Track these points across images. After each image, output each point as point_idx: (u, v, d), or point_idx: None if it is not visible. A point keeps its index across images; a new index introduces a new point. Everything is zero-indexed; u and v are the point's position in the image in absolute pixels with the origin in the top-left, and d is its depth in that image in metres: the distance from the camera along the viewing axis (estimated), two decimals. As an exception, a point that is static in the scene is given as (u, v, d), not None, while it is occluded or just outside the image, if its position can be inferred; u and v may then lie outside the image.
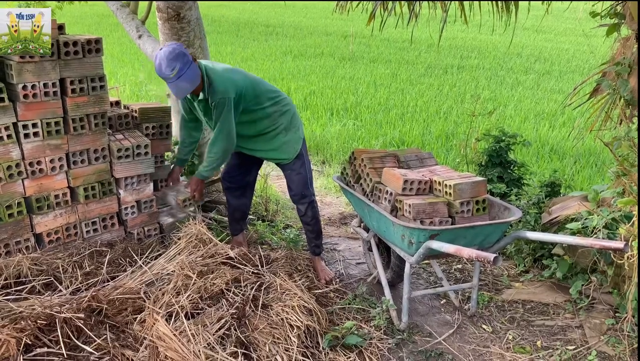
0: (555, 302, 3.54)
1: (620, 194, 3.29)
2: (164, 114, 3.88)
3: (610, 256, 3.20)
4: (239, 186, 3.85)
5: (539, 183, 4.42)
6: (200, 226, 3.49)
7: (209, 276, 3.11)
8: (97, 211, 3.48)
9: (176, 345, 2.51)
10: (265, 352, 2.70)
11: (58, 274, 3.07)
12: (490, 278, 3.90)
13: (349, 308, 3.34)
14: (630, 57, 3.48)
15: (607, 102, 3.68)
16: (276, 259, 3.60)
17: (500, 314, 3.46)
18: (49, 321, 2.58)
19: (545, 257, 3.87)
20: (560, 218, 3.73)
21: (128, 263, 3.32)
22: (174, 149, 4.68)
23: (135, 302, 2.92)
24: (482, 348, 3.11)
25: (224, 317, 2.79)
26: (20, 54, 2.99)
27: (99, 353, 2.55)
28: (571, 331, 3.25)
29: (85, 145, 3.34)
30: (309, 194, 3.69)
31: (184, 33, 4.27)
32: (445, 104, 9.19)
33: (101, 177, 3.46)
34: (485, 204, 3.18)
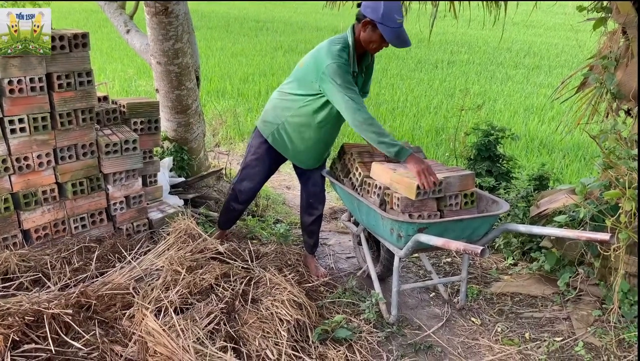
0: (543, 294, 3.57)
1: (606, 187, 3.32)
2: (152, 109, 3.86)
3: (597, 248, 3.23)
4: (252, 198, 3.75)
5: (527, 177, 4.44)
6: (189, 221, 3.48)
7: (198, 271, 3.11)
8: (86, 207, 3.47)
9: (165, 340, 2.50)
10: (255, 346, 2.70)
11: (46, 271, 3.05)
12: (479, 271, 3.92)
13: (339, 302, 3.35)
14: (616, 50, 3.50)
15: (594, 95, 3.70)
16: (266, 254, 3.61)
17: (489, 307, 3.48)
18: (36, 318, 2.57)
19: (533, 250, 3.90)
20: (548, 211, 3.76)
21: (117, 258, 3.31)
22: (163, 144, 4.68)
23: (124, 298, 2.92)
24: (471, 341, 3.13)
25: (213, 312, 2.79)
26: (20, 54, 3.00)
27: (87, 349, 2.53)
28: (559, 323, 3.28)
29: (72, 140, 3.32)
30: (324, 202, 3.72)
31: (172, 28, 4.24)
32: (435, 99, 9.21)
33: (89, 173, 3.44)
34: (473, 197, 3.20)
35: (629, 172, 3.07)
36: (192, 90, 4.63)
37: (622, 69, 3.48)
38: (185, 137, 4.75)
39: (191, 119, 4.72)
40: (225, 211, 3.76)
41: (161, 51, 4.35)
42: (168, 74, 4.44)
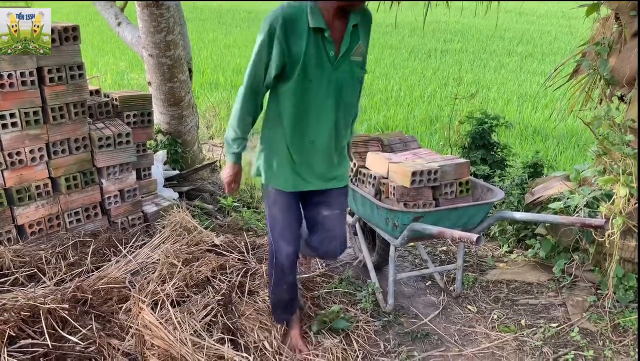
0: (539, 281, 3.58)
1: (601, 173, 3.33)
2: (144, 102, 3.83)
3: (592, 234, 3.24)
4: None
5: (522, 164, 4.45)
6: (184, 214, 3.47)
7: (194, 263, 3.10)
8: (80, 201, 3.45)
9: (162, 333, 2.50)
10: (253, 338, 2.70)
11: (41, 266, 3.04)
12: (474, 259, 3.93)
13: (335, 292, 3.36)
14: (609, 36, 3.50)
15: (587, 82, 3.71)
16: (262, 245, 3.60)
17: (485, 294, 3.50)
18: (32, 313, 2.56)
19: (528, 237, 3.91)
20: (543, 198, 3.76)
21: (112, 252, 3.31)
22: (156, 137, 4.66)
23: (121, 291, 2.91)
24: (468, 328, 3.15)
25: (210, 304, 2.79)
26: (20, 54, 2.99)
27: (84, 343, 2.53)
28: (554, 309, 3.30)
29: (65, 135, 3.30)
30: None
31: (164, 19, 4.21)
32: (429, 88, 9.20)
33: (83, 167, 3.42)
34: (468, 185, 3.20)
35: (623, 158, 3.09)
36: (184, 82, 4.60)
37: (615, 55, 3.48)
38: (179, 129, 4.73)
39: (184, 112, 4.70)
40: (278, 301, 2.75)
41: (153, 43, 4.31)
42: (160, 67, 4.41)
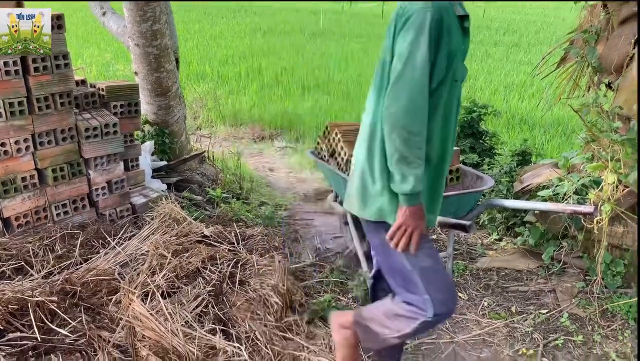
0: (529, 268, 3.61)
1: (589, 160, 3.35)
2: (132, 92, 3.78)
3: (581, 221, 3.27)
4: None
5: (510, 153, 4.47)
6: (173, 205, 3.44)
7: (184, 254, 3.08)
8: (67, 193, 3.40)
9: (153, 324, 2.48)
10: (244, 328, 2.69)
11: (29, 259, 3.00)
12: (464, 247, 3.95)
13: (327, 281, 3.35)
14: (597, 24, 3.51)
15: (575, 70, 3.72)
16: (252, 236, 3.59)
17: (475, 282, 3.51)
18: (20, 306, 2.53)
19: (517, 225, 3.93)
20: (532, 186, 3.78)
21: (101, 244, 3.27)
22: (144, 128, 4.61)
23: (110, 283, 2.88)
24: (459, 316, 3.16)
25: (201, 295, 2.77)
26: (20, 54, 2.96)
27: (74, 336, 2.50)
28: (544, 296, 3.32)
29: (51, 125, 3.24)
30: None
31: (150, 8, 4.15)
32: (417, 78, 9.18)
33: (69, 158, 3.37)
34: (458, 174, 3.21)
35: (611, 145, 3.10)
36: (171, 72, 4.55)
37: (602, 42, 3.50)
38: (166, 120, 4.68)
39: (172, 102, 4.65)
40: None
41: (139, 33, 4.25)
42: (147, 56, 4.36)
